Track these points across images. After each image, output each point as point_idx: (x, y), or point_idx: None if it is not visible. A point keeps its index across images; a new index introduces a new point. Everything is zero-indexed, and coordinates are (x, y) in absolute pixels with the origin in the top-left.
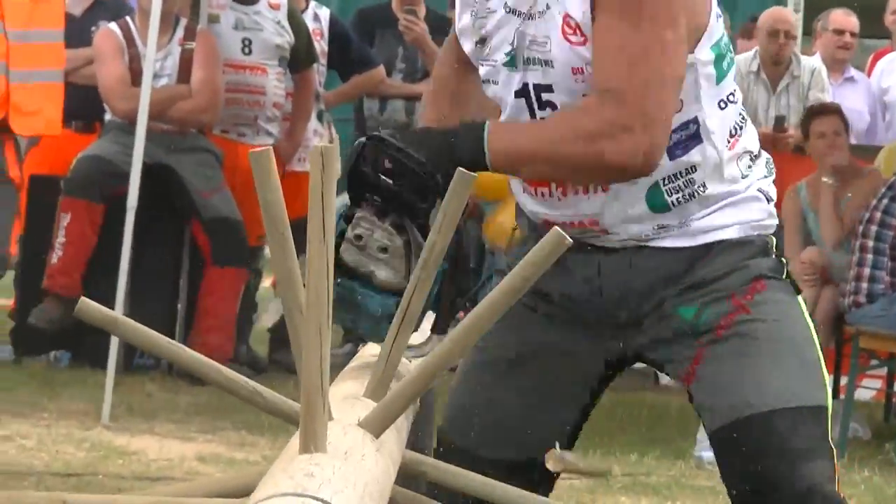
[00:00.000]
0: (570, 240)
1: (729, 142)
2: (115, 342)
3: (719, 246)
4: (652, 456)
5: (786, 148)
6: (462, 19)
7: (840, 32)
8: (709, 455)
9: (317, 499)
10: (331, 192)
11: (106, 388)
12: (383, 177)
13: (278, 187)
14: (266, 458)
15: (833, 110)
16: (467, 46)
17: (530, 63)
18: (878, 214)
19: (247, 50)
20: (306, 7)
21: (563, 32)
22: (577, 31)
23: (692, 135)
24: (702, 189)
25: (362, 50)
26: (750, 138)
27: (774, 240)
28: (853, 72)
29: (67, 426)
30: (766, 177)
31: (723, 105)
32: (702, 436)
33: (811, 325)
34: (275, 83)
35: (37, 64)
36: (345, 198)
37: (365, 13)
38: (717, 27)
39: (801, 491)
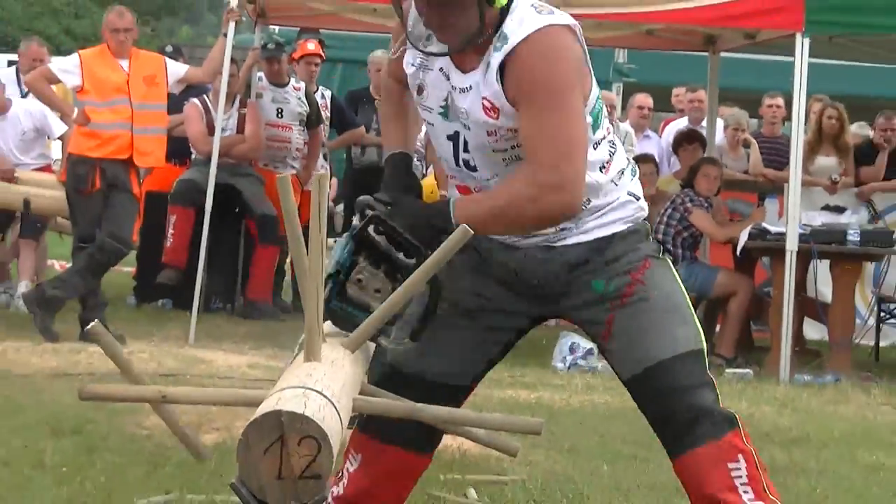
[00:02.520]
0: (472, 232)
1: (602, 169)
2: (197, 294)
3: (615, 237)
4: (528, 367)
5: None
6: (407, 58)
7: (641, 108)
8: (560, 366)
9: (312, 389)
10: (324, 202)
11: (191, 322)
12: (379, 238)
13: (293, 200)
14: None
15: (650, 159)
16: (410, 84)
17: (457, 119)
18: (665, 219)
19: (279, 115)
20: (316, 90)
21: (483, 108)
22: (493, 111)
23: None
24: (587, 203)
25: (351, 116)
26: (619, 159)
27: (649, 225)
28: (649, 132)
29: (167, 345)
30: (632, 181)
31: (595, 146)
32: (556, 353)
33: (683, 288)
34: (297, 136)
35: (150, 123)
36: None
37: (353, 94)
38: (592, 95)
39: (694, 413)
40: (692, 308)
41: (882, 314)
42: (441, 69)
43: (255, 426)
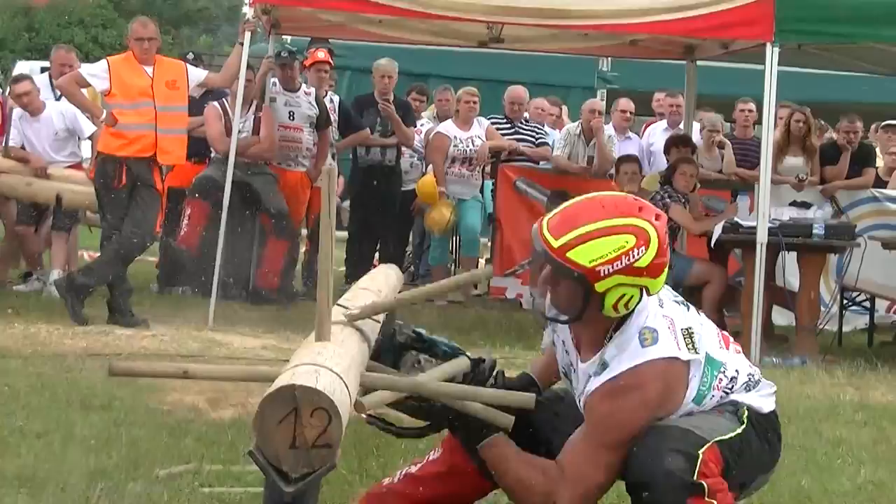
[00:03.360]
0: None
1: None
2: (215, 282)
3: None
4: (517, 350)
5: (604, 177)
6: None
7: (624, 112)
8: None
9: (322, 366)
10: (333, 192)
11: (210, 307)
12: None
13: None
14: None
15: (633, 159)
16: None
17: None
18: None
19: (291, 117)
20: (325, 94)
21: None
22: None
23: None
24: None
25: (356, 119)
26: (738, 386)
27: (747, 409)
28: (631, 134)
29: (188, 328)
30: (744, 391)
31: (701, 409)
32: (545, 336)
33: (737, 437)
34: (307, 137)
35: (172, 124)
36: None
37: (359, 99)
38: (691, 392)
39: (659, 469)
40: (734, 436)
41: (845, 302)
42: (563, 341)
43: (270, 399)
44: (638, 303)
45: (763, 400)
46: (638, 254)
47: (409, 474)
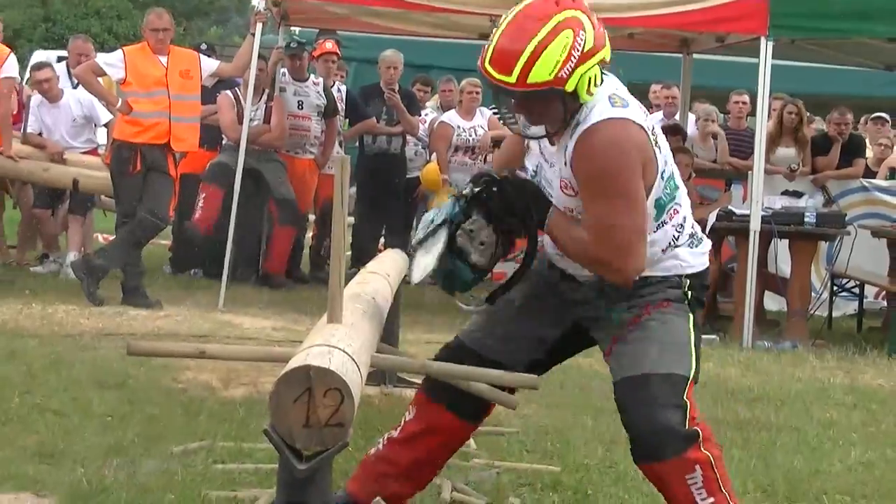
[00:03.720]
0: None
1: (664, 251)
2: (226, 265)
3: (649, 279)
4: None
5: None
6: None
7: None
8: None
9: (335, 347)
10: (346, 182)
11: (221, 289)
12: (494, 202)
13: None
14: (310, 330)
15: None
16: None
17: (543, 183)
18: None
19: (300, 106)
20: (333, 84)
21: (561, 186)
22: (569, 188)
23: None
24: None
25: (363, 109)
26: (684, 237)
27: (688, 280)
28: None
29: (199, 309)
30: (688, 246)
31: (656, 229)
32: None
33: (692, 334)
34: (315, 125)
35: (186, 113)
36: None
37: (366, 89)
38: (659, 185)
39: (659, 429)
40: (694, 346)
41: (835, 288)
42: (539, 142)
43: (285, 379)
44: (602, 74)
45: (701, 258)
46: (581, 41)
47: (391, 439)
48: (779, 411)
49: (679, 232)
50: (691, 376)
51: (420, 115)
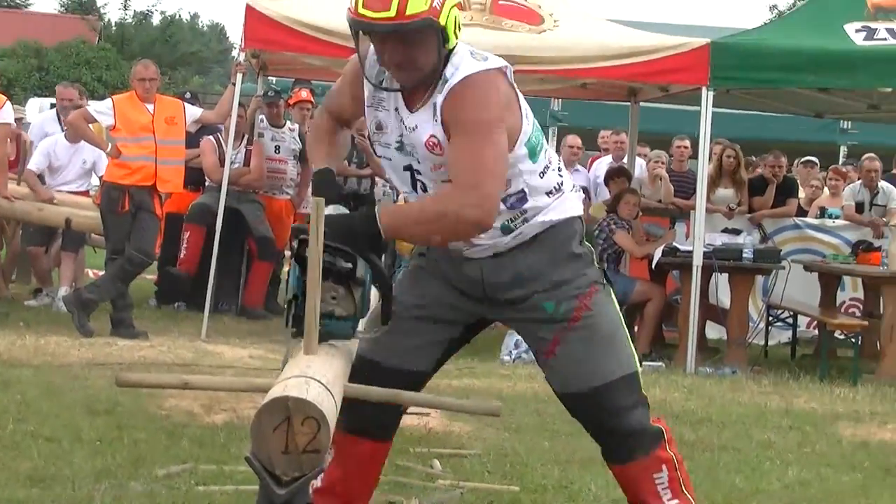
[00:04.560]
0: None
1: (549, 194)
2: (208, 298)
3: (555, 226)
4: (478, 360)
5: None
6: (365, 97)
7: (572, 147)
8: (507, 359)
9: (312, 378)
10: (321, 220)
11: (203, 320)
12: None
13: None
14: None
15: (582, 190)
16: (368, 121)
17: (409, 154)
18: (593, 238)
19: (277, 151)
20: (307, 130)
21: (428, 145)
22: (438, 146)
23: (521, 197)
24: (531, 217)
25: None
26: (565, 182)
27: (592, 249)
28: (579, 167)
29: (183, 340)
30: (572, 197)
31: (541, 175)
32: (503, 348)
33: (619, 311)
34: (291, 168)
35: (171, 156)
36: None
37: None
38: (527, 127)
39: (630, 432)
40: (627, 330)
41: (770, 318)
42: (396, 109)
43: (266, 409)
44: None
45: (579, 204)
46: None
47: (316, 490)
48: (721, 433)
49: (562, 177)
50: (638, 368)
51: None
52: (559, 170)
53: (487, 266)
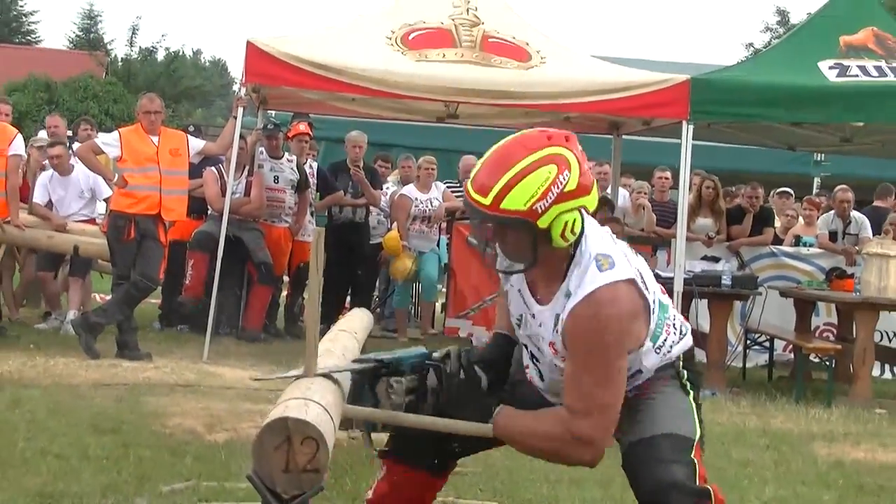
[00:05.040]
0: None
1: (657, 353)
2: (210, 321)
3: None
4: None
5: None
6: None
7: None
8: None
9: (312, 400)
10: (321, 251)
11: (205, 343)
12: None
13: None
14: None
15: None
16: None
17: (529, 337)
18: None
19: (276, 181)
20: (306, 161)
21: (551, 346)
22: (557, 353)
23: (635, 373)
24: (640, 381)
25: (332, 183)
26: (671, 337)
27: (683, 368)
28: None
29: (186, 361)
30: (676, 345)
31: (657, 352)
32: None
33: (693, 405)
34: (289, 197)
35: (174, 186)
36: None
37: (334, 165)
38: (651, 328)
39: (674, 483)
40: (695, 412)
41: (748, 342)
42: (519, 291)
43: (267, 429)
44: (582, 225)
45: (688, 340)
46: (564, 179)
47: (368, 501)
48: None
49: (671, 335)
50: (697, 439)
51: (382, 189)
52: (673, 326)
53: None
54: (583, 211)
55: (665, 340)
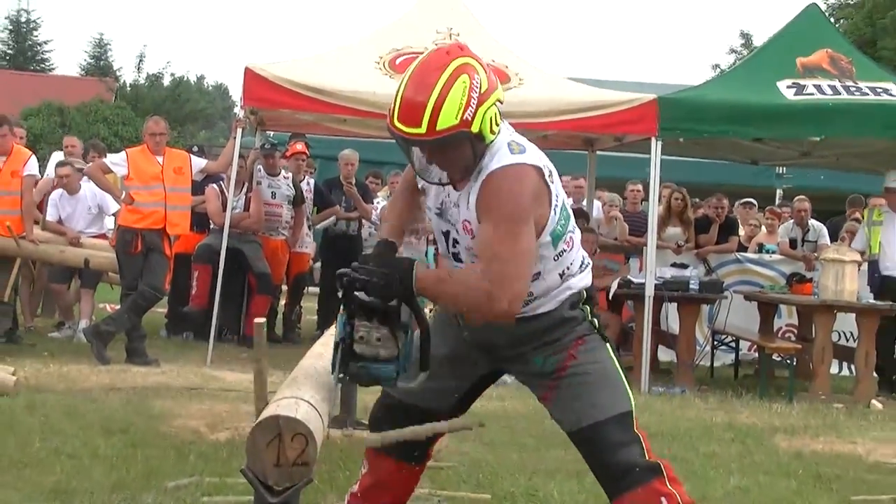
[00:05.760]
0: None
1: (561, 276)
2: (213, 328)
3: (552, 315)
4: None
5: None
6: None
7: None
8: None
9: (301, 399)
10: (264, 344)
11: (209, 349)
12: (361, 295)
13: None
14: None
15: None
16: (419, 186)
17: (448, 223)
18: None
19: (273, 197)
20: (303, 179)
21: (464, 228)
22: (470, 232)
23: (534, 277)
24: (540, 296)
25: (329, 198)
26: (575, 261)
27: (588, 308)
28: None
29: (190, 366)
30: (579, 272)
31: (556, 258)
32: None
33: (615, 358)
34: (286, 212)
35: (178, 202)
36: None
37: (329, 181)
38: (553, 218)
39: (625, 467)
40: (621, 373)
41: (715, 343)
42: (439, 179)
43: (259, 426)
44: (499, 114)
45: (586, 279)
46: (478, 82)
47: (353, 494)
48: (671, 445)
49: (575, 258)
50: (633, 408)
51: (373, 203)
52: (574, 249)
53: (488, 330)
54: (497, 104)
55: (565, 255)
